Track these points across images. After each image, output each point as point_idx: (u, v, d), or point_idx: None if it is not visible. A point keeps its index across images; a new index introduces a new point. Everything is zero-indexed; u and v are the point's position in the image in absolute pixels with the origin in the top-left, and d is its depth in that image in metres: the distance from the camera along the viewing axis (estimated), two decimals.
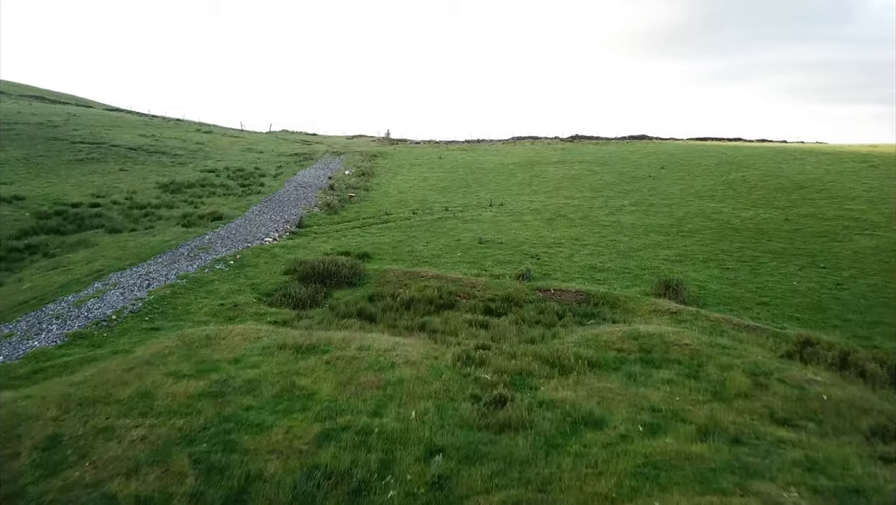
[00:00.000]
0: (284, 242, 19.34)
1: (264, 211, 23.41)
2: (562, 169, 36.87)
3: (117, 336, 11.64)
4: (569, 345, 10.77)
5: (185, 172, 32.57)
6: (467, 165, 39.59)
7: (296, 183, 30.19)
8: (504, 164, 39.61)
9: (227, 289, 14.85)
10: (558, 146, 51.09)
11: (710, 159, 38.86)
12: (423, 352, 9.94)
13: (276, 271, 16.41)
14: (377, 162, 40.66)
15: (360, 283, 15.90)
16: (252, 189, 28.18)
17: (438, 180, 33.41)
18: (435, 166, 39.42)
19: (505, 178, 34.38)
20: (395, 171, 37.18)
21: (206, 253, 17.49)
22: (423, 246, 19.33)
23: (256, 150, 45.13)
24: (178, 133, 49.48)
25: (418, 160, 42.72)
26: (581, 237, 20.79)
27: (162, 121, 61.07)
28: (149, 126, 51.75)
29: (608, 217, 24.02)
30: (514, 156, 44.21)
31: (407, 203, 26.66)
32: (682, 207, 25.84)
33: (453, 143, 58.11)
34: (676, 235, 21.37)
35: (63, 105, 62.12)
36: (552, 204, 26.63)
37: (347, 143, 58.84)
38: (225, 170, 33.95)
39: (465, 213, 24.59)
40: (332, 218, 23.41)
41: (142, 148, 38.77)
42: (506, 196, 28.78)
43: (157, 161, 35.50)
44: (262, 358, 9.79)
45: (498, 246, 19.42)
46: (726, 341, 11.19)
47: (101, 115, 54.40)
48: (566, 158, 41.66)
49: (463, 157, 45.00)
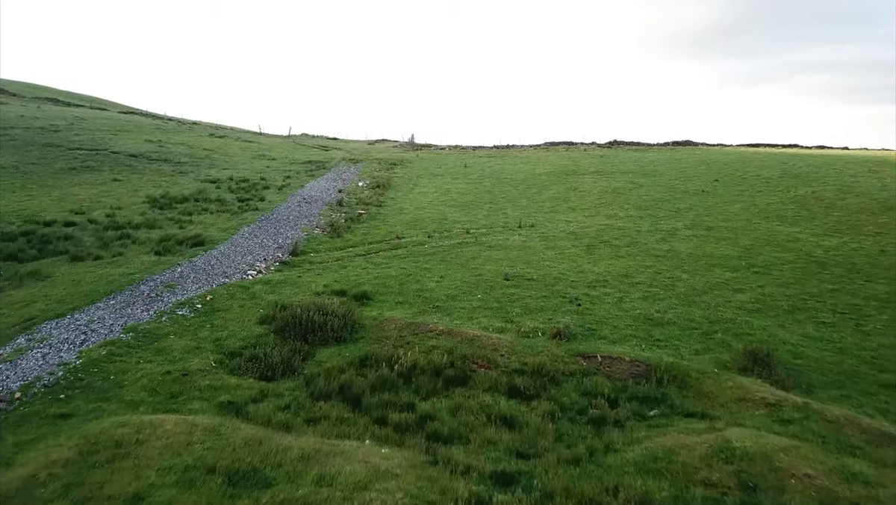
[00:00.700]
0: (270, 277, 16.34)
1: (256, 233, 20.52)
2: (601, 181, 33.24)
3: (7, 429, 8.70)
4: (630, 472, 7.41)
5: (183, 183, 30.08)
6: (494, 175, 36.25)
7: (301, 197, 27.32)
8: (535, 175, 36.15)
9: (182, 346, 11.87)
10: (595, 153, 47.33)
11: (769, 170, 34.71)
12: (415, 492, 6.70)
13: (251, 319, 13.39)
14: (396, 172, 37.63)
15: (353, 337, 12.76)
16: (250, 205, 25.39)
17: (461, 194, 30.17)
18: (458, 176, 36.20)
19: (536, 191, 30.95)
20: (415, 182, 34.08)
21: (172, 292, 14.59)
22: (435, 283, 16.11)
23: (268, 158, 42.67)
24: (188, 138, 47.44)
25: (441, 169, 39.56)
26: (630, 272, 17.28)
27: (176, 124, 59.37)
28: (160, 130, 49.88)
29: (660, 244, 20.41)
30: (547, 164, 40.68)
31: (423, 223, 23.49)
32: (748, 232, 22.04)
33: (480, 148, 54.81)
34: (747, 272, 17.67)
35: (76, 107, 61.03)
36: (592, 226, 23.13)
37: (368, 149, 56.07)
38: (228, 180, 31.38)
39: (490, 237, 21.29)
40: (333, 242, 20.38)
41: (143, 155, 36.57)
42: (537, 214, 25.38)
43: (156, 170, 33.17)
44: (176, 494, 6.69)
45: (528, 284, 16.06)
46: (865, 468, 7.67)
47: (111, 118, 52.83)
48: (605, 168, 37.96)
49: (490, 165, 41.67)
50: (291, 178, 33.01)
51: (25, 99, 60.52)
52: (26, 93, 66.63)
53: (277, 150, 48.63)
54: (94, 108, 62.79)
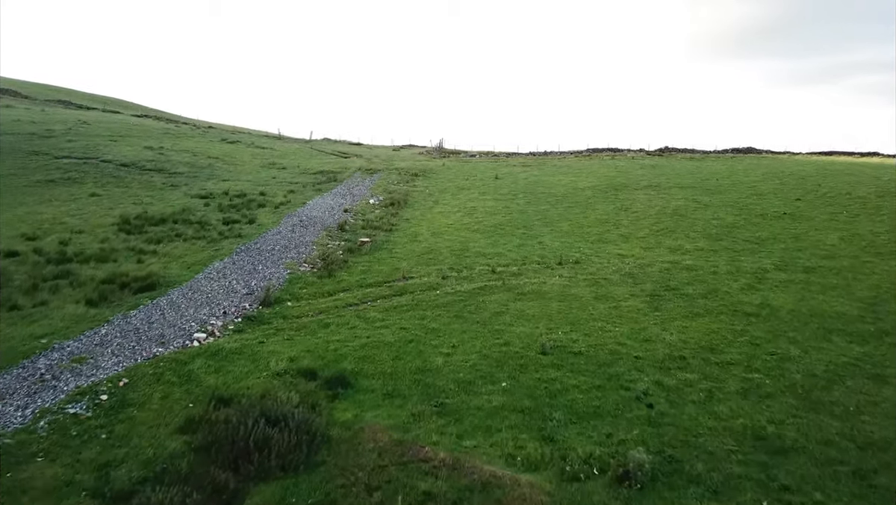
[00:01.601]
0: (223, 343, 12.32)
1: (227, 272, 16.61)
2: (657, 198, 28.42)
3: None
4: None
5: (169, 199, 26.59)
6: (529, 190, 31.77)
7: (298, 218, 23.42)
8: (578, 189, 31.53)
9: (45, 482, 7.90)
10: (646, 162, 42.33)
11: (861, 187, 29.28)
12: None
13: (170, 424, 9.36)
14: (416, 185, 33.49)
15: (309, 463, 8.59)
16: (234, 229, 21.58)
17: (489, 214, 25.81)
18: (487, 190, 31.85)
19: (579, 211, 26.36)
20: (436, 198, 29.86)
21: (76, 372, 10.69)
22: (444, 356, 11.83)
23: (278, 166, 39.14)
24: (196, 144, 44.39)
25: (468, 181, 35.27)
26: (716, 343, 12.66)
27: (190, 128, 56.70)
28: (168, 135, 47.05)
29: (748, 294, 15.66)
30: (591, 176, 35.96)
31: (438, 256, 19.23)
32: (863, 276, 17.09)
33: (514, 155, 50.33)
34: (881, 342, 12.84)
35: (87, 110, 59.02)
36: (653, 262, 18.49)
37: (391, 156, 52.19)
38: (221, 195, 27.77)
39: (522, 279, 16.91)
40: (321, 285, 16.30)
41: (136, 164, 33.40)
42: (582, 244, 20.87)
43: (145, 182, 29.84)
44: None
45: (574, 362, 11.64)
46: None
47: (119, 121, 50.29)
48: (659, 181, 33.05)
49: (525, 175, 37.18)
50: (295, 193, 29.21)
51: (36, 101, 58.79)
52: (40, 95, 65.18)
53: (291, 157, 45.17)
54: (107, 111, 60.72)
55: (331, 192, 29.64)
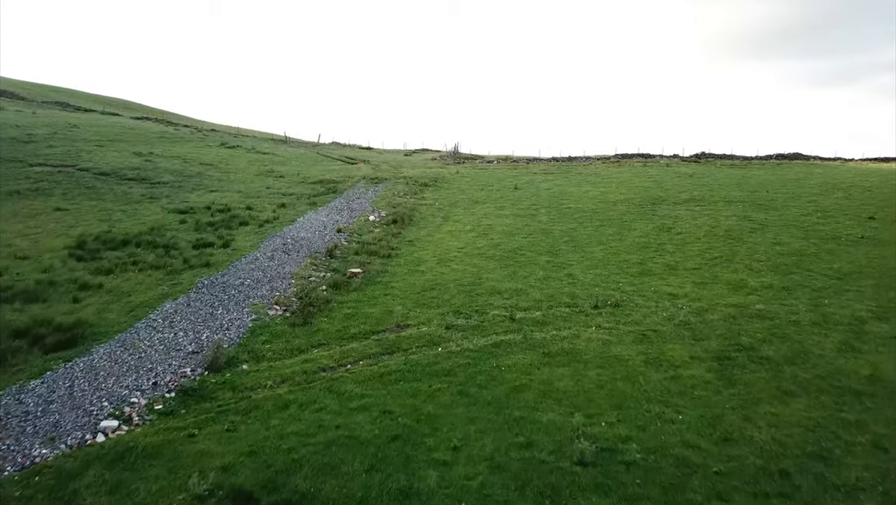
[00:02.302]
0: (139, 437, 9.00)
1: (176, 318, 13.35)
2: (702, 215, 24.68)
3: None
4: None
5: (143, 214, 23.58)
6: (554, 203, 28.20)
7: (283, 240, 20.18)
8: (609, 203, 27.88)
9: None
10: (682, 170, 38.45)
11: None
12: None
13: None
14: (425, 197, 30.12)
15: None
16: (205, 254, 18.37)
17: (507, 234, 22.30)
18: (506, 204, 28.33)
19: (614, 231, 22.73)
20: (447, 213, 26.43)
21: None
22: (440, 468, 8.39)
23: (275, 175, 36.10)
24: (190, 149, 41.58)
25: (484, 192, 31.79)
26: (826, 444, 9.03)
27: (190, 131, 54.07)
28: (162, 140, 44.37)
29: (848, 358, 11.94)
30: (623, 186, 32.26)
31: (444, 293, 15.77)
32: None
33: (536, 161, 46.71)
34: None
35: (85, 112, 56.73)
36: (713, 305, 14.84)
37: (401, 161, 48.89)
38: (204, 210, 24.72)
39: (548, 330, 13.39)
40: (291, 337, 12.95)
41: (117, 173, 30.56)
42: (620, 277, 17.28)
43: (121, 194, 26.89)
44: None
45: (625, 486, 8.12)
46: None
47: (114, 124, 47.73)
48: (702, 193, 29.26)
49: (547, 185, 33.60)
50: (286, 208, 26.01)
51: (32, 103, 56.64)
52: (39, 96, 63.17)
53: (292, 163, 42.13)
54: (106, 113, 58.35)
55: (327, 206, 26.37)
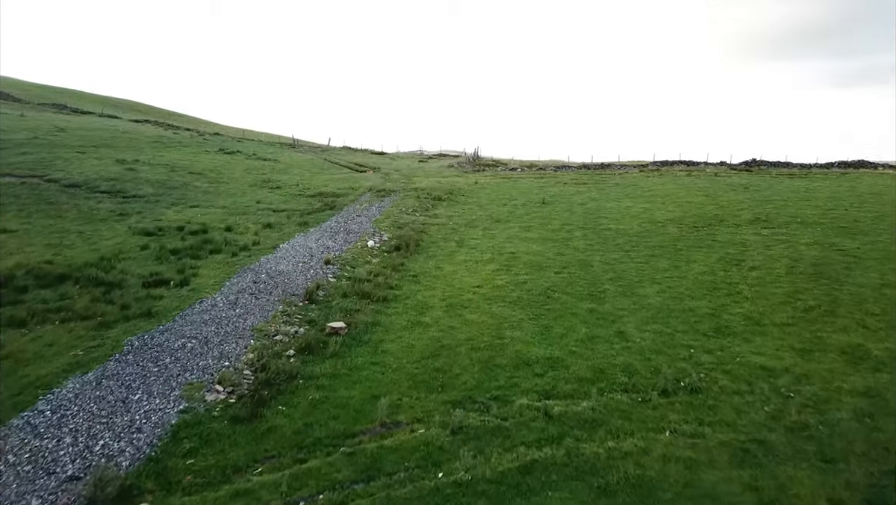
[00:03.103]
0: None
1: (71, 409, 9.50)
2: (775, 241, 20.27)
3: None
4: None
5: (103, 236, 20.02)
6: (590, 223, 23.97)
7: (255, 276, 16.34)
8: (656, 223, 23.58)
9: None
10: (734, 180, 33.86)
11: None
12: None
13: None
14: (437, 213, 26.11)
15: None
16: (152, 297, 14.58)
17: (536, 268, 18.14)
18: (533, 223, 24.17)
19: (669, 264, 18.44)
20: (462, 235, 22.37)
21: None
22: None
23: (271, 185, 32.48)
24: (183, 155, 38.20)
25: (507, 207, 27.67)
26: None
27: (191, 135, 50.90)
28: (156, 145, 41.09)
29: None
30: (669, 201, 27.87)
31: (453, 363, 11.70)
32: None
33: (565, 169, 42.38)
34: None
35: (82, 115, 53.95)
36: (831, 389, 10.53)
37: (415, 169, 44.94)
38: (175, 231, 21.12)
39: (600, 437, 9.23)
40: (228, 443, 8.99)
41: (89, 185, 27.17)
42: (690, 336, 13.04)
43: (87, 210, 23.39)
44: None
45: None
46: None
47: (105, 128, 44.64)
48: (766, 211, 24.77)
49: (580, 199, 29.36)
50: (272, 229, 22.20)
51: (27, 105, 54.00)
52: (38, 98, 60.65)
53: (294, 172, 38.49)
54: (104, 116, 55.48)
55: (320, 226, 22.49)
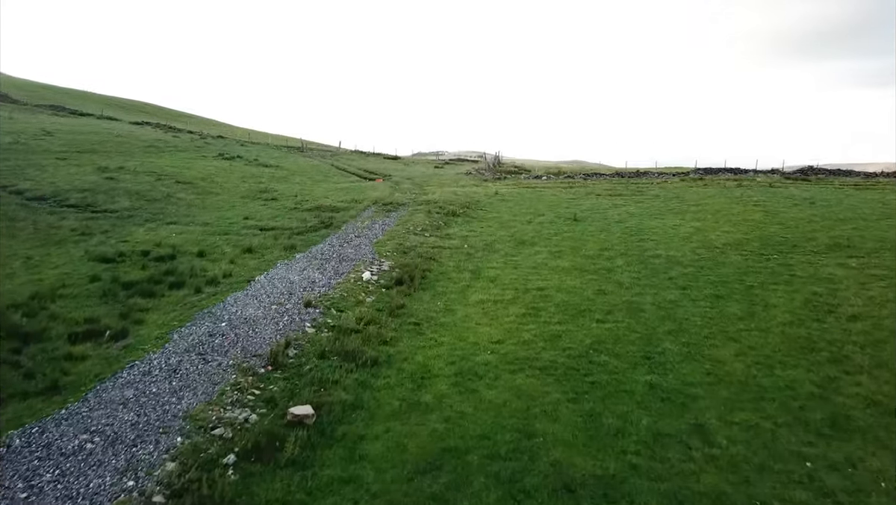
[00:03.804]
0: None
1: None
2: (870, 277, 16.29)
3: None
4: None
5: (48, 266, 16.85)
6: (633, 248, 20.19)
7: (213, 325, 12.92)
8: (714, 247, 19.72)
9: None
10: (792, 192, 29.72)
11: None
12: None
13: None
14: (451, 233, 22.52)
15: None
16: (69, 364, 11.21)
17: (572, 312, 14.43)
18: (564, 247, 20.46)
19: (743, 309, 14.58)
20: (480, 263, 18.72)
21: None
22: None
23: (266, 197, 29.26)
24: (176, 162, 35.19)
25: (533, 223, 23.99)
26: None
27: (191, 139, 48.05)
28: (148, 150, 38.16)
29: None
30: (722, 217, 23.93)
31: (462, 482, 8.12)
32: None
33: (596, 176, 38.50)
34: None
35: (78, 117, 51.48)
36: None
37: (429, 176, 41.37)
38: (139, 256, 17.94)
39: None
40: None
41: (59, 197, 24.18)
42: (793, 431, 9.28)
43: (45, 228, 20.31)
44: None
45: None
46: None
47: (98, 131, 41.90)
48: (848, 234, 20.73)
49: (618, 214, 25.55)
50: (252, 254, 18.82)
51: (23, 106, 51.70)
52: (35, 99, 58.41)
53: (296, 180, 35.25)
54: (103, 118, 52.91)
55: (310, 251, 19.04)
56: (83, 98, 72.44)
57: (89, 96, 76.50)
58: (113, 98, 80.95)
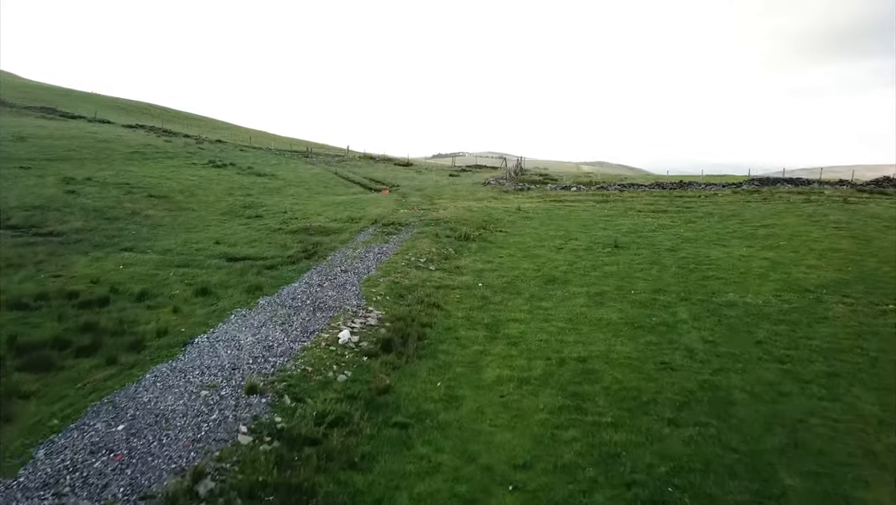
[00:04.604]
0: None
1: None
2: None
3: None
4: None
5: None
6: (695, 289, 15.72)
7: (101, 436, 8.88)
8: (803, 289, 15.18)
9: None
10: (875, 209, 24.94)
11: None
12: None
13: None
14: (462, 265, 18.22)
15: None
16: None
17: (629, 403, 10.08)
18: (608, 289, 16.07)
19: (874, 392, 10.14)
20: (496, 313, 14.37)
21: None
22: None
23: (252, 213, 25.43)
24: (157, 171, 31.53)
25: (565, 252, 19.65)
26: None
27: (184, 144, 44.49)
28: (131, 157, 34.59)
29: None
30: (800, 243, 19.34)
31: None
32: None
33: (632, 187, 33.93)
34: None
35: (68, 120, 48.29)
36: None
37: (444, 186, 37.12)
38: (59, 303, 14.13)
39: None
40: None
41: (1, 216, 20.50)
42: None
43: None
44: None
45: None
46: None
47: (78, 136, 38.43)
48: None
49: (666, 239, 21.10)
50: (207, 296, 14.75)
51: (10, 108, 48.64)
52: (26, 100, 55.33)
53: (290, 191, 31.36)
54: (94, 121, 49.60)
55: (279, 293, 14.92)
56: (85, 100, 69.70)
57: (92, 98, 73.78)
58: (118, 99, 78.23)
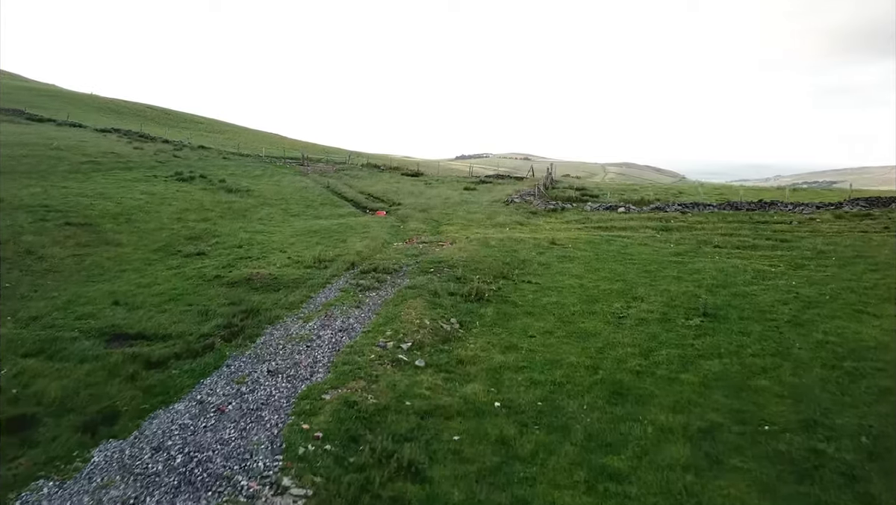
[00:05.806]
0: None
1: None
2: None
3: None
4: None
5: None
6: (861, 402, 8.95)
7: None
8: None
9: None
10: None
11: None
12: None
13: None
14: (469, 352, 11.48)
15: None
16: None
17: None
18: (721, 427, 9.38)
19: None
20: (526, 492, 7.77)
21: None
22: None
23: (192, 250, 19.54)
24: (103, 185, 25.76)
25: (627, 325, 12.94)
26: None
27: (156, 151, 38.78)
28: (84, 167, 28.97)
29: None
30: None
31: None
32: None
33: (697, 207, 26.97)
34: None
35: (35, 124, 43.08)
36: None
37: (456, 204, 30.37)
38: None
39: None
40: None
41: None
42: None
43: None
44: None
45: None
46: None
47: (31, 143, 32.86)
48: None
49: (780, 302, 14.20)
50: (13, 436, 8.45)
51: None
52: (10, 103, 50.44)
53: (260, 214, 25.20)
54: (65, 125, 44.21)
55: (140, 432, 8.45)
56: (78, 101, 64.88)
57: (85, 98, 69.02)
58: (115, 101, 73.45)
